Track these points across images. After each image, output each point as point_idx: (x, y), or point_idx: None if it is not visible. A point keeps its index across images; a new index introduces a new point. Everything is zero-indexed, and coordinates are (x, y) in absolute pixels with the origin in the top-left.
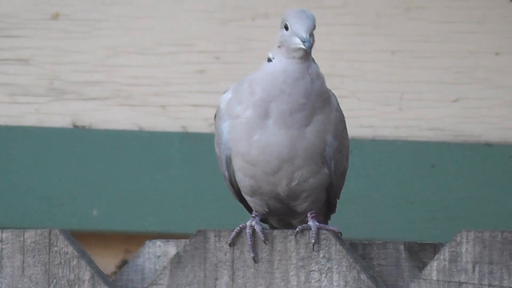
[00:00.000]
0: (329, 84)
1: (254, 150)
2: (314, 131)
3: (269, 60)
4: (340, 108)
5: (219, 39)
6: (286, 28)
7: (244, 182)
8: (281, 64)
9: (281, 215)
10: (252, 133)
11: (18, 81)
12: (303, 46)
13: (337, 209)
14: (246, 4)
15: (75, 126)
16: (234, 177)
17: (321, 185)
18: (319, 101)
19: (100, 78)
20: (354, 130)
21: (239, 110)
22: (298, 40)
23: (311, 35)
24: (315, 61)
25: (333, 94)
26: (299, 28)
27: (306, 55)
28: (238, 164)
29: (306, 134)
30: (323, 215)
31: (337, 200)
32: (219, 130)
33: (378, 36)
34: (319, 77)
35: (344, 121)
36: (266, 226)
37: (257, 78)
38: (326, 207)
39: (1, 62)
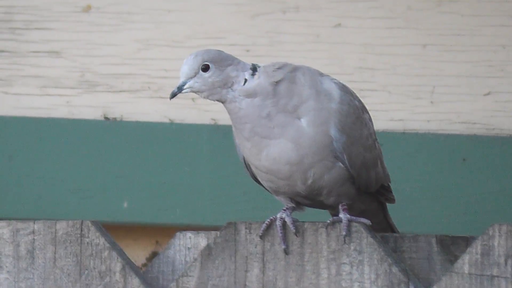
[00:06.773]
0: (359, 78)
1: (265, 163)
2: (310, 122)
3: None
4: (349, 101)
5: (249, 32)
6: None
7: (264, 184)
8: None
9: (313, 207)
10: (260, 152)
11: (49, 73)
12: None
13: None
14: None
15: (106, 118)
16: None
17: (340, 179)
18: (276, 97)
19: (131, 71)
20: (384, 123)
21: (240, 138)
22: None
23: (190, 77)
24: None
25: (339, 87)
26: None
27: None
28: (253, 170)
29: (304, 127)
30: (378, 208)
31: (388, 186)
32: (233, 138)
33: (409, 29)
34: (255, 89)
35: (355, 113)
36: (297, 218)
37: None
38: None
39: (32, 54)
